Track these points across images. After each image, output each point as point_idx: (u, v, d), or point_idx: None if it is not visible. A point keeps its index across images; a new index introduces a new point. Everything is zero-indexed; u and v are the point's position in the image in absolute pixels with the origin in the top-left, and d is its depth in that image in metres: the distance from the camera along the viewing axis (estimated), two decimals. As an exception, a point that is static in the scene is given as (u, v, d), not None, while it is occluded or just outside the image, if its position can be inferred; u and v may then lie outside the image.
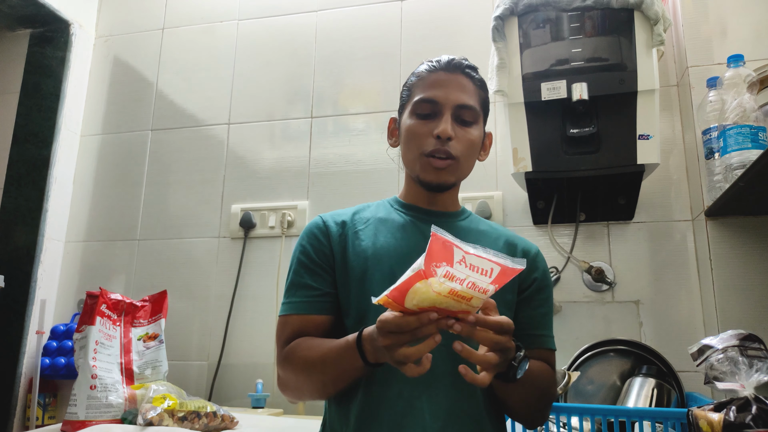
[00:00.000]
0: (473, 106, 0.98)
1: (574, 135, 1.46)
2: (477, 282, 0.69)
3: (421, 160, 0.98)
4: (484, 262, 0.70)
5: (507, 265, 0.70)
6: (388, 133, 1.09)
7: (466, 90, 0.99)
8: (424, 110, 0.98)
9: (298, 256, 1.00)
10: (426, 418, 0.87)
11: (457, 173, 0.99)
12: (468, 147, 0.98)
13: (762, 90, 1.30)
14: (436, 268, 0.69)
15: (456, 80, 0.99)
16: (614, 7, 1.45)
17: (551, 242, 1.66)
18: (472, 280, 0.69)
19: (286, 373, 0.94)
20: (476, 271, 0.69)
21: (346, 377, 0.87)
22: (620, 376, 1.46)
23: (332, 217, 1.02)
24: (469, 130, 0.98)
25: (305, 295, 0.96)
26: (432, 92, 0.98)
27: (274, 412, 1.61)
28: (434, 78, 0.99)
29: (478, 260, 0.70)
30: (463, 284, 0.69)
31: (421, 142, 0.97)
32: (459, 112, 0.97)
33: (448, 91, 0.97)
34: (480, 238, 1.02)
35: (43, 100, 2.06)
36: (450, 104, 0.97)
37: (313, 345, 0.91)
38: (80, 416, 1.23)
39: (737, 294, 1.40)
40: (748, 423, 0.84)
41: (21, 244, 1.95)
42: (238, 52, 2.10)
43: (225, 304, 1.87)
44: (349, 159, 1.91)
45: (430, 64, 1.02)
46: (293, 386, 0.95)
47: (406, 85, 1.05)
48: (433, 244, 0.69)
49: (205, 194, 2.00)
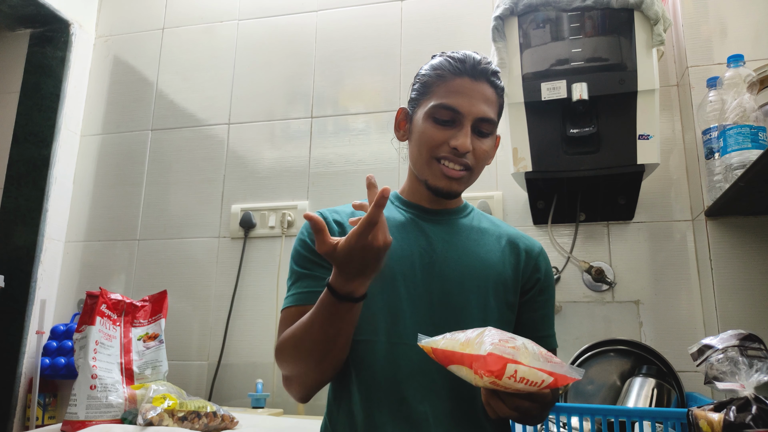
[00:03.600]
0: (493, 119, 0.96)
1: (574, 135, 1.46)
2: (522, 389, 0.69)
3: (432, 165, 0.95)
4: (536, 374, 0.68)
5: (561, 373, 0.68)
6: (396, 125, 1.05)
7: (489, 101, 0.96)
8: (443, 116, 0.95)
9: (298, 249, 0.98)
10: (429, 422, 0.87)
11: (467, 183, 0.98)
12: (482, 158, 0.97)
13: (762, 90, 1.30)
14: (485, 375, 0.68)
15: (480, 90, 0.95)
16: (614, 7, 1.45)
17: (551, 242, 1.66)
18: (519, 389, 0.69)
19: (286, 360, 0.91)
20: (525, 384, 0.68)
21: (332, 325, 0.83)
22: (620, 376, 1.46)
23: (332, 214, 1.01)
24: (485, 142, 0.96)
25: (306, 286, 0.94)
26: (454, 100, 0.94)
27: (274, 412, 1.61)
28: (458, 84, 0.95)
29: (531, 372, 0.68)
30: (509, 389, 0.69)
31: (435, 149, 0.95)
32: (479, 125, 0.95)
33: (471, 102, 0.94)
34: (481, 236, 1.01)
35: (43, 100, 2.06)
36: (472, 117, 0.94)
37: (300, 319, 0.89)
38: (80, 416, 1.23)
39: (737, 294, 1.40)
40: (748, 423, 0.84)
41: (21, 244, 1.95)
42: (238, 52, 2.10)
43: (225, 304, 1.87)
44: (349, 159, 1.91)
45: (453, 63, 0.96)
46: (294, 371, 0.91)
47: (422, 79, 1.00)
48: (488, 359, 0.68)
49: (205, 194, 2.00)
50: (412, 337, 0.87)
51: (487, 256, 0.98)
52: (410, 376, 0.88)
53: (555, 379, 0.68)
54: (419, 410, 0.87)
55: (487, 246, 0.99)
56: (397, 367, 0.89)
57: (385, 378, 0.88)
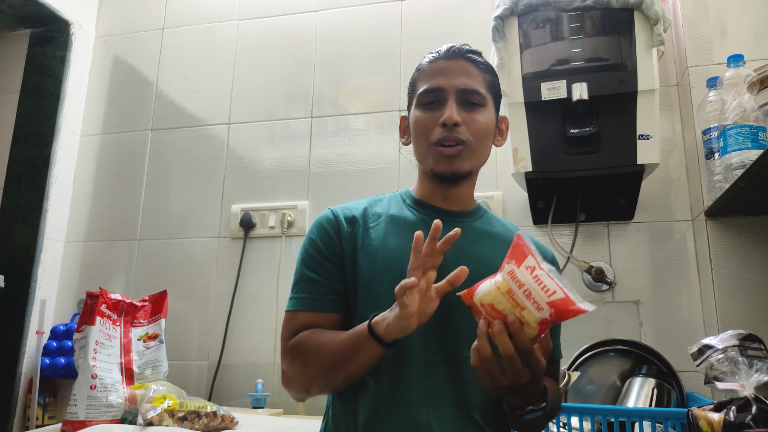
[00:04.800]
0: (478, 90, 0.96)
1: (574, 135, 1.46)
2: (534, 293, 0.68)
3: (431, 150, 0.95)
4: (550, 281, 0.68)
5: (571, 298, 0.67)
6: (400, 132, 1.06)
7: (470, 74, 0.96)
8: (427, 100, 0.96)
9: (308, 248, 0.97)
10: (432, 427, 0.86)
11: (471, 159, 0.96)
12: (478, 130, 0.95)
13: (762, 90, 1.30)
14: (505, 263, 0.72)
15: (457, 66, 0.96)
16: (614, 7, 1.45)
17: (551, 242, 1.66)
18: (530, 289, 0.68)
19: (294, 364, 0.91)
20: (538, 284, 0.68)
21: (356, 359, 0.84)
22: (620, 376, 1.46)
23: (343, 212, 1.00)
24: (478, 114, 0.95)
25: (314, 291, 0.93)
26: (434, 81, 0.96)
27: (274, 412, 1.61)
28: (435, 67, 0.97)
29: (545, 277, 0.69)
30: (521, 288, 0.69)
31: (429, 132, 0.95)
32: (464, 97, 0.95)
33: (449, 77, 0.95)
34: (492, 242, 0.99)
35: (43, 100, 2.06)
36: (452, 89, 0.94)
37: (324, 333, 0.90)
38: (80, 416, 1.23)
39: (737, 294, 1.40)
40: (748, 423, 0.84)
41: (21, 244, 1.95)
42: (238, 52, 2.10)
43: (225, 304, 1.87)
44: (349, 159, 1.91)
45: (430, 55, 1.00)
46: (300, 377, 0.91)
47: (411, 81, 1.03)
48: (513, 246, 0.72)
49: (205, 194, 2.00)
50: (418, 341, 0.87)
51: (497, 262, 0.97)
52: (415, 380, 0.88)
53: (565, 298, 0.67)
54: (422, 414, 0.87)
55: (497, 251, 0.97)
56: (402, 371, 0.88)
57: (389, 381, 0.88)
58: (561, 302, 0.67)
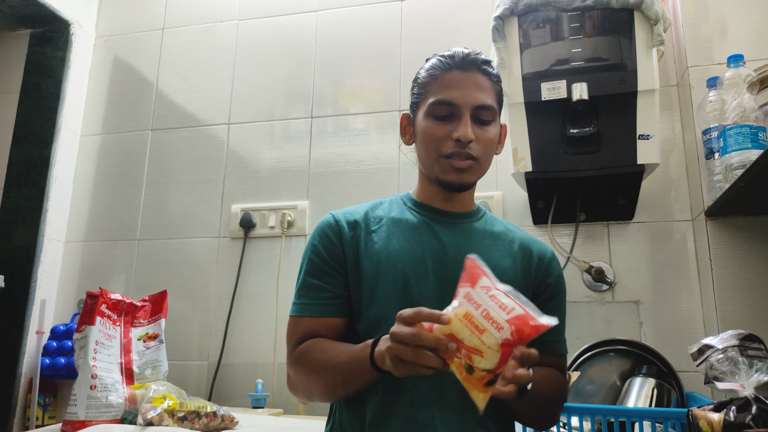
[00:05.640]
0: (491, 105, 0.96)
1: (574, 135, 1.46)
2: (492, 312, 0.67)
3: (440, 162, 0.96)
4: (507, 299, 0.68)
5: (531, 313, 0.66)
6: (401, 131, 1.06)
7: (484, 89, 0.96)
8: (441, 112, 0.96)
9: (310, 255, 0.98)
10: (436, 426, 0.87)
11: (478, 173, 0.98)
12: (487, 146, 0.97)
13: (762, 90, 1.30)
14: (460, 288, 0.70)
15: (472, 80, 0.96)
16: (614, 7, 1.45)
17: (551, 242, 1.66)
18: (487, 309, 0.67)
19: (298, 374, 0.93)
20: (496, 303, 0.67)
21: (357, 381, 0.86)
22: (620, 376, 1.46)
23: (344, 216, 1.00)
24: (488, 129, 0.97)
25: (317, 297, 0.95)
26: (448, 94, 0.95)
27: (274, 412, 1.61)
28: (450, 78, 0.96)
29: (502, 296, 0.68)
30: (479, 309, 0.67)
31: (440, 145, 0.95)
32: (477, 113, 0.95)
33: (465, 92, 0.95)
34: (494, 241, 1.00)
35: (43, 100, 2.06)
36: (468, 106, 0.94)
37: (326, 347, 0.90)
38: (80, 416, 1.23)
39: (737, 294, 1.40)
40: (748, 423, 0.84)
41: (21, 244, 1.95)
42: (238, 52, 2.10)
43: (225, 304, 1.87)
44: (349, 159, 1.91)
45: (443, 60, 0.98)
46: (304, 387, 0.94)
47: (418, 81, 1.02)
48: (466, 270, 0.70)
49: (205, 194, 2.00)
50: None
51: (499, 261, 0.98)
52: (420, 379, 0.88)
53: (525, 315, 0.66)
54: (427, 414, 0.87)
55: (499, 251, 0.99)
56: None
57: (394, 380, 0.88)
58: (520, 318, 0.66)
